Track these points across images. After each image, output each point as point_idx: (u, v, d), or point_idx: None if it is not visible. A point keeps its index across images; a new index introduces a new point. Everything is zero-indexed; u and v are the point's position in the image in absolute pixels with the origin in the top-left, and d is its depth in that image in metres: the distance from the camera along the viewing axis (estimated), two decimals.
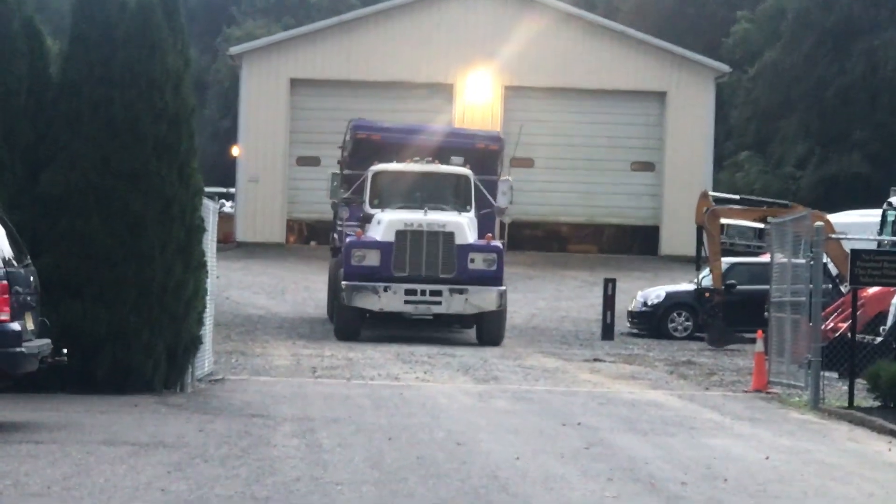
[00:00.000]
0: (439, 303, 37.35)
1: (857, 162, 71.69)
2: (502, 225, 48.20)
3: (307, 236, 62.55)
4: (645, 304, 45.71)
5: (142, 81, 25.60)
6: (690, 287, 44.17)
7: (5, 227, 21.17)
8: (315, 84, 61.81)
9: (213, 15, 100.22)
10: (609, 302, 43.46)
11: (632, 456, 20.83)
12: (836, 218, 37.74)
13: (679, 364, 35.24)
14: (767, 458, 21.34)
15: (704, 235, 42.54)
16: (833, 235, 33.33)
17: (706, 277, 42.60)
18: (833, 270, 34.85)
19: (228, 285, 28.58)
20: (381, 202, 38.79)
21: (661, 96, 63.16)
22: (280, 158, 61.07)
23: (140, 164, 25.35)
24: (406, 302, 37.42)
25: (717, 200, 44.25)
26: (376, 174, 38.92)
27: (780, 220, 34.36)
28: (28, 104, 25.67)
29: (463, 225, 37.69)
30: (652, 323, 45.55)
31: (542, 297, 54.73)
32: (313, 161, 60.83)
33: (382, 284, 36.88)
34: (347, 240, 37.95)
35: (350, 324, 37.62)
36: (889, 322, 31.26)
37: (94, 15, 26.15)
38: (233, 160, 63.92)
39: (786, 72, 76.63)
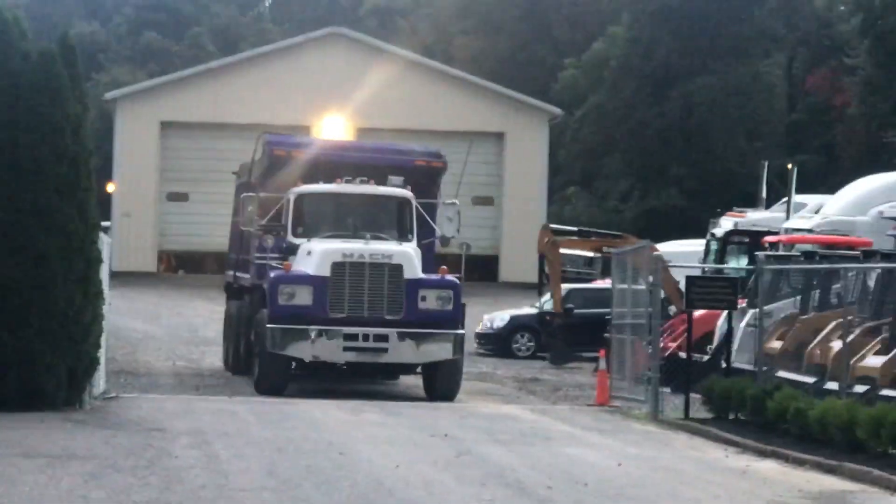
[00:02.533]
0: (385, 350, 28.86)
1: (675, 196, 72.72)
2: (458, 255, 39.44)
3: (176, 266, 62.24)
4: (491, 326, 45.75)
5: (45, 126, 25.65)
6: (533, 311, 44.59)
7: None
8: (184, 126, 61.66)
9: (82, 60, 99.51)
10: None
11: (499, 464, 21.25)
12: (659, 247, 38.40)
13: (526, 381, 35.63)
14: (620, 464, 21.90)
15: (546, 263, 43.08)
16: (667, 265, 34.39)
17: (547, 302, 43.12)
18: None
19: (108, 311, 28.00)
20: (306, 230, 30.06)
21: (500, 136, 63.71)
22: (151, 194, 60.99)
23: (44, 202, 25.40)
24: (346, 349, 28.85)
25: (556, 232, 44.86)
26: (300, 197, 30.33)
27: (621, 250, 35.42)
28: None
29: (412, 256, 29.51)
30: (497, 344, 45.19)
31: None
32: (182, 197, 61.00)
33: (317, 328, 28.55)
34: (272, 274, 29.18)
35: (275, 375, 29.36)
36: (715, 342, 32.03)
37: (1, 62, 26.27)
38: (107, 196, 63.96)
39: (609, 114, 77.66)
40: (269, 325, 28.57)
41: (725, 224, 42.62)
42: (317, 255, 28.99)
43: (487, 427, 25.85)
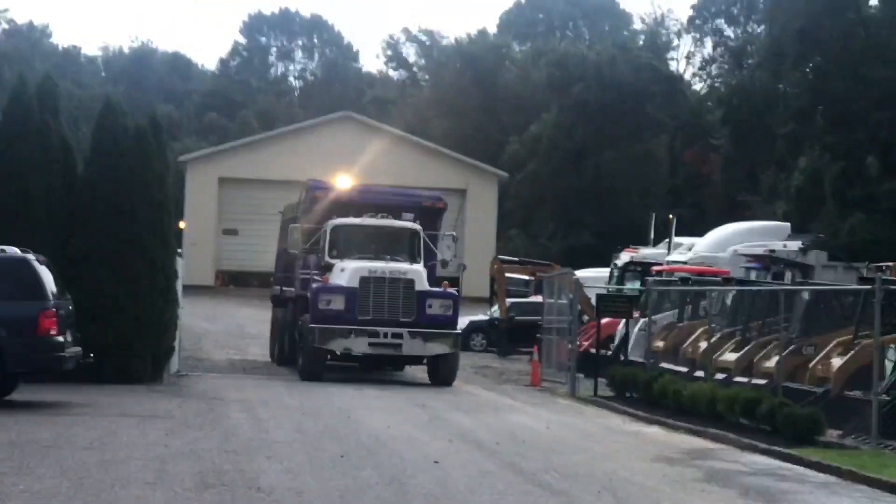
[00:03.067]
0: (400, 345, 28.35)
1: (588, 236, 72.71)
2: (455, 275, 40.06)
3: (228, 282, 61.98)
4: None
5: (138, 181, 25.86)
6: (485, 317, 44.57)
7: (52, 272, 21.46)
8: (235, 181, 61.15)
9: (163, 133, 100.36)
10: None
11: (461, 426, 21.45)
12: (577, 273, 38.54)
13: (480, 368, 35.57)
14: (548, 427, 22.20)
15: (495, 283, 43.41)
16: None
17: (495, 311, 43.24)
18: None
19: (181, 314, 28.12)
20: (339, 253, 29.57)
21: (462, 192, 63.42)
22: (211, 230, 60.67)
23: (136, 236, 25.63)
24: (370, 344, 28.24)
25: (503, 261, 45.17)
26: (335, 228, 29.82)
27: (549, 275, 36.24)
28: (61, 193, 25.88)
29: (421, 273, 29.17)
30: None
31: None
32: (233, 232, 60.88)
33: (349, 328, 28.16)
34: (314, 286, 28.94)
35: (315, 364, 28.59)
36: (616, 341, 32.24)
37: (106, 134, 26.38)
38: (179, 231, 64.03)
39: (541, 177, 77.70)
40: (311, 325, 28.01)
41: (624, 257, 42.74)
42: (348, 271, 28.53)
43: (453, 400, 26.02)
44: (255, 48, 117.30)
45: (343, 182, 36.23)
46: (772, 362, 24.73)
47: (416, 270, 29.00)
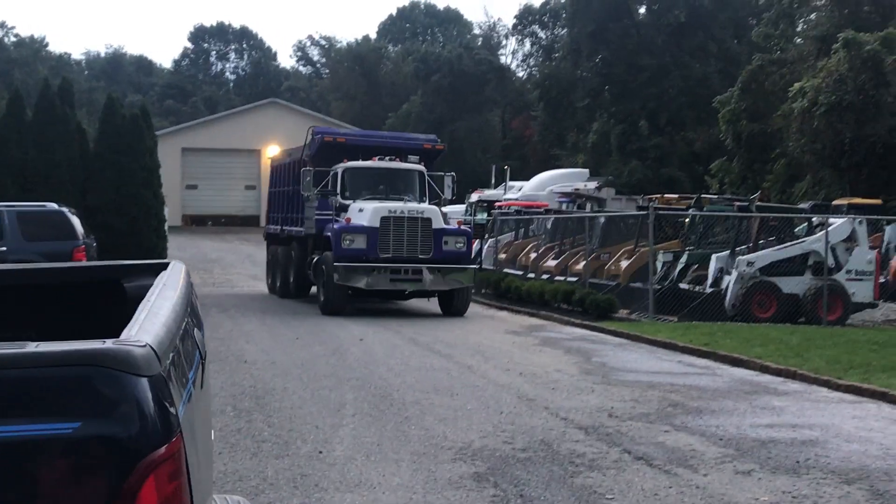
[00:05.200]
0: (420, 280, 22.40)
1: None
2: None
3: (190, 223, 61.00)
4: None
5: (134, 151, 26.10)
6: None
7: (79, 218, 21.60)
8: (193, 150, 60.21)
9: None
10: None
11: (373, 314, 21.72)
12: (443, 209, 38.60)
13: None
14: (433, 314, 22.87)
15: None
16: None
17: None
18: None
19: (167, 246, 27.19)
20: (351, 194, 23.45)
21: None
22: (178, 186, 59.61)
23: (134, 190, 25.89)
24: (391, 280, 22.39)
25: None
26: (347, 170, 23.77)
27: None
28: (79, 163, 26.00)
29: (437, 211, 23.20)
30: None
31: None
32: (194, 187, 60.43)
33: (372, 265, 22.02)
34: (336, 226, 22.48)
35: (339, 300, 22.50)
36: (473, 254, 32.84)
37: (110, 119, 26.54)
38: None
39: None
40: (335, 264, 21.89)
41: (475, 197, 43.10)
42: (368, 211, 22.42)
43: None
44: (200, 51, 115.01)
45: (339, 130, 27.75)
46: (580, 265, 25.38)
47: (433, 209, 23.13)
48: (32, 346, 2.06)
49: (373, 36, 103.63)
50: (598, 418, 10.67)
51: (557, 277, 25.97)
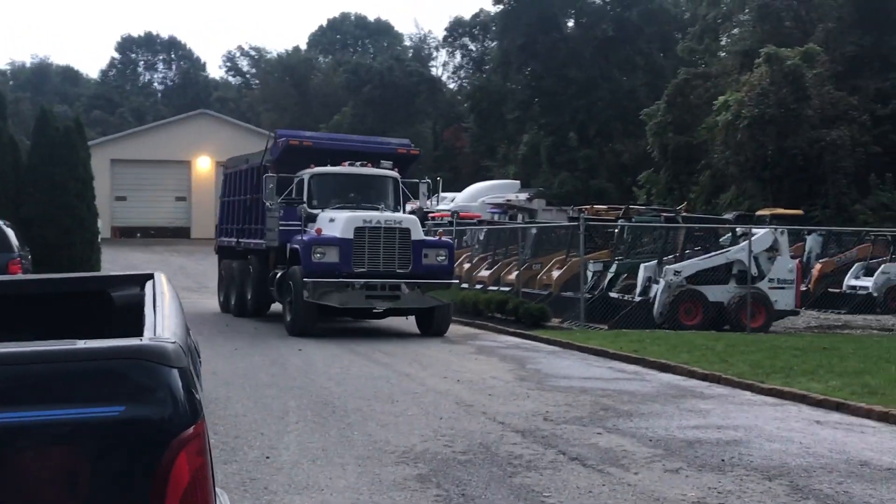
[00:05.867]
0: (398, 297, 20.05)
1: None
2: (451, 220, 32.11)
3: (120, 234, 60.10)
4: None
5: (68, 163, 25.98)
6: None
7: (14, 231, 21.36)
8: (121, 161, 59.24)
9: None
10: None
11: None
12: None
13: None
14: (369, 322, 23.07)
15: None
16: None
17: None
18: None
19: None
20: (319, 203, 21.06)
21: None
22: (107, 197, 58.95)
23: (68, 202, 25.77)
24: (367, 297, 19.89)
25: None
26: (314, 177, 21.24)
27: None
28: (12, 175, 25.79)
29: (416, 221, 20.75)
30: None
31: None
32: (123, 198, 59.77)
33: (345, 280, 19.63)
34: (305, 238, 20.07)
35: (308, 319, 20.05)
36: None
37: (44, 130, 26.37)
38: None
39: None
40: (305, 279, 19.54)
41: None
42: (341, 221, 20.00)
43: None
44: (127, 61, 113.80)
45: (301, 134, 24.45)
46: (513, 275, 25.78)
47: (411, 219, 20.76)
48: (82, 344, 2.43)
49: (303, 47, 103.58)
50: (534, 422, 11.09)
51: (491, 287, 26.36)
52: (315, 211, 20.93)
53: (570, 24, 70.43)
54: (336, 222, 20.18)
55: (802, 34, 46.80)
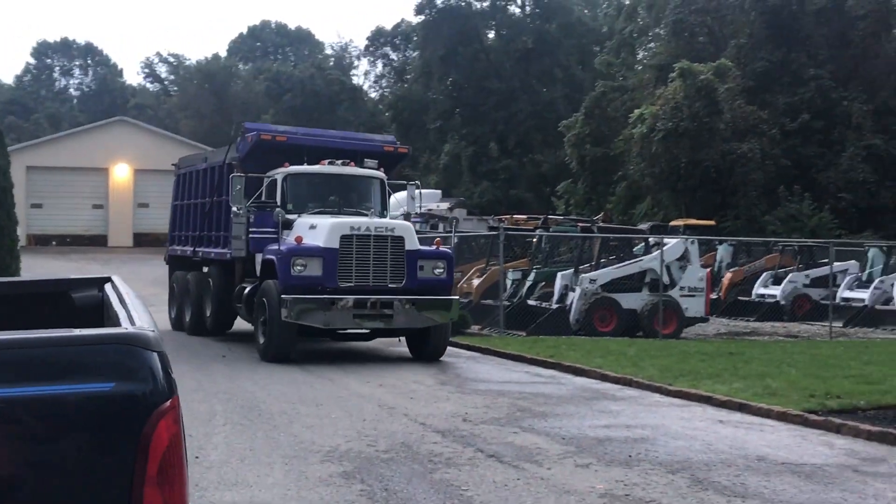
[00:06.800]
0: (391, 316, 17.02)
1: None
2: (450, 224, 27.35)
3: (35, 242, 59.36)
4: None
5: None
6: None
7: None
8: (36, 168, 58.25)
9: None
10: None
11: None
12: None
13: None
14: None
15: None
16: None
17: None
18: None
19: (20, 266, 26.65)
20: (295, 207, 18.20)
21: None
22: (22, 205, 57.90)
23: None
24: (355, 316, 16.91)
25: None
26: (288, 177, 18.33)
27: None
28: None
29: (411, 228, 17.90)
30: None
31: None
32: (38, 206, 58.92)
33: (330, 297, 16.71)
34: (283, 247, 17.01)
35: (285, 342, 17.02)
36: None
37: None
38: None
39: None
40: (283, 296, 16.60)
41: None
42: (324, 228, 17.16)
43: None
44: (43, 67, 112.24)
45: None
46: None
47: (405, 226, 17.89)
48: (78, 332, 2.92)
49: (223, 54, 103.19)
50: (454, 423, 11.62)
51: (482, 301, 26.63)
52: (291, 216, 18.01)
53: (491, 35, 71.39)
54: (318, 229, 17.34)
55: (715, 49, 48.29)
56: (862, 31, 45.75)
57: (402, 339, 18.72)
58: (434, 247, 18.47)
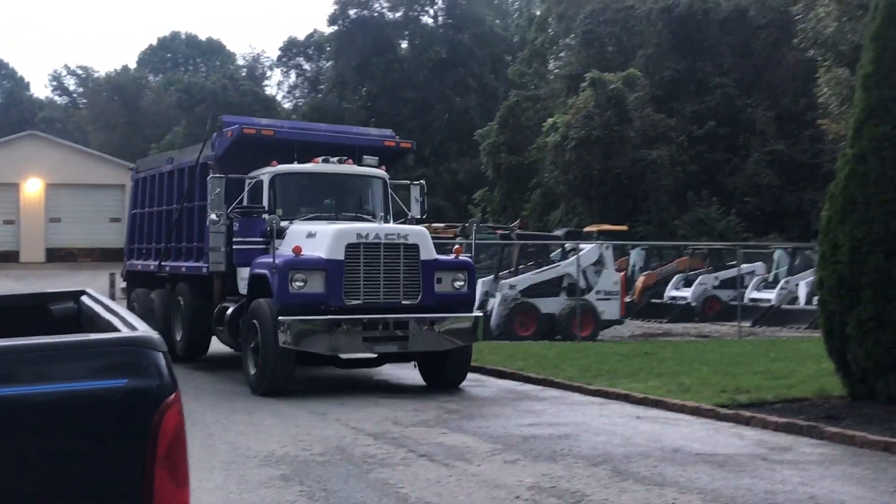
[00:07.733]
0: (405, 338, 14.37)
1: None
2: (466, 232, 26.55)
3: None
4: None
5: None
6: None
7: None
8: None
9: None
10: None
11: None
12: None
13: None
14: None
15: None
16: None
17: None
18: None
19: None
20: (285, 212, 15.59)
21: (122, 187, 59.55)
22: None
23: None
24: (365, 340, 14.24)
25: None
26: (277, 177, 15.67)
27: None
28: None
29: (426, 235, 15.09)
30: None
31: None
32: None
33: (336, 318, 14.05)
34: (280, 260, 14.28)
35: (283, 371, 14.40)
36: None
37: None
38: None
39: None
40: (280, 318, 14.00)
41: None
42: (326, 237, 14.51)
43: None
44: None
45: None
46: None
47: (419, 232, 15.11)
48: (94, 336, 3.30)
49: (132, 66, 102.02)
50: (385, 426, 12.07)
51: None
52: (283, 223, 15.43)
53: (404, 45, 72.01)
54: (319, 238, 14.72)
55: (624, 59, 49.54)
56: (764, 41, 47.39)
57: (415, 364, 16.06)
58: (453, 255, 15.57)
